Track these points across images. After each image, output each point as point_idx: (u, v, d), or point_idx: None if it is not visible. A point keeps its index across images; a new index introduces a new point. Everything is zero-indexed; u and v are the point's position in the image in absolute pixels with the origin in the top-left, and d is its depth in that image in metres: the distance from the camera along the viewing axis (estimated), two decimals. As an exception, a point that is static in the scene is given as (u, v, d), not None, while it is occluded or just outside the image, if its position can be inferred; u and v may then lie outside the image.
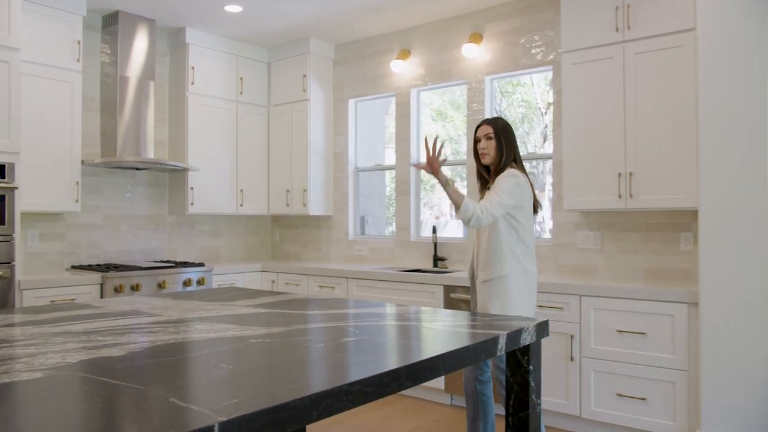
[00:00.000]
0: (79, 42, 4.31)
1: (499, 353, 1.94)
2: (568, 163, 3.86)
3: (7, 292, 3.68)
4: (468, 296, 3.94)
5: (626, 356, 3.35)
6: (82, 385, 1.34)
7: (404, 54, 5.03)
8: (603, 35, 3.70)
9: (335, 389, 1.33)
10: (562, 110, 3.95)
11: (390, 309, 2.55)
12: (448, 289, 4.04)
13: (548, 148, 4.71)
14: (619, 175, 3.65)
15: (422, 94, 5.15)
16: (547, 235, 4.60)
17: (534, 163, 4.83)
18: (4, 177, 3.69)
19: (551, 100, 4.42)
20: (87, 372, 1.46)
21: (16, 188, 3.72)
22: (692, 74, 3.37)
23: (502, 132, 2.81)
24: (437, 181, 2.72)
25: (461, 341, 1.84)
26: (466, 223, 2.67)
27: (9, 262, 3.69)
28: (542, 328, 2.20)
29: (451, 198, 2.68)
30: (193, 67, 5.03)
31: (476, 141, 2.87)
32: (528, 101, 5.17)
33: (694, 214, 3.66)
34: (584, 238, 4.11)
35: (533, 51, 4.38)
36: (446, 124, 5.47)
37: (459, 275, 4.07)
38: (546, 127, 5.01)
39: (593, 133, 3.76)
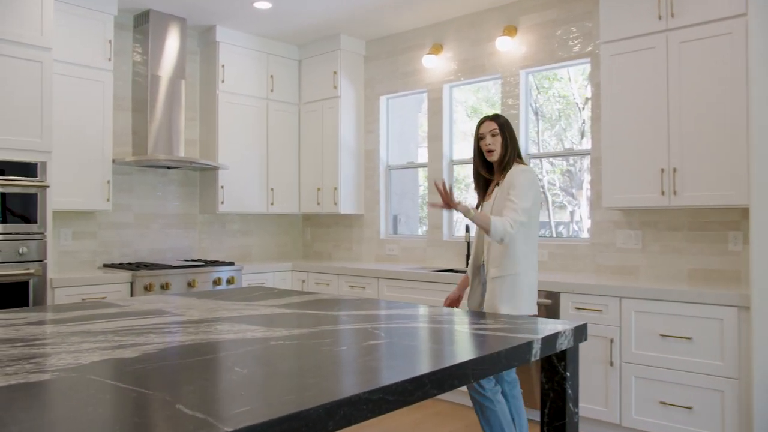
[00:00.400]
0: (110, 41, 4.32)
1: (533, 359, 1.82)
2: (608, 160, 3.69)
3: (40, 290, 3.69)
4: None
5: (670, 362, 3.17)
6: (88, 388, 1.28)
7: (436, 49, 4.91)
8: (644, 24, 3.52)
9: (354, 397, 1.23)
10: (600, 104, 3.78)
11: (420, 310, 2.44)
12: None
13: (586, 145, 4.53)
14: (662, 171, 3.46)
15: (456, 91, 5.02)
16: (585, 235, 4.43)
17: (571, 160, 4.66)
18: (36, 176, 3.70)
19: (589, 94, 4.25)
20: (96, 374, 1.39)
21: (48, 187, 3.73)
22: (742, 63, 3.17)
23: (506, 128, 2.75)
24: (459, 212, 2.63)
25: (492, 346, 1.73)
26: (500, 242, 2.61)
27: (41, 260, 3.71)
28: (580, 333, 2.06)
29: (477, 223, 2.61)
30: (223, 66, 5.00)
31: (479, 138, 2.79)
32: (565, 96, 4.99)
33: (743, 211, 3.45)
34: (624, 237, 3.93)
35: (570, 43, 4.21)
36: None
37: (492, 276, 3.93)
38: (584, 122, 4.83)
39: (634, 128, 3.58)
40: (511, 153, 2.74)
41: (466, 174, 5.19)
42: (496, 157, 2.75)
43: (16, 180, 3.61)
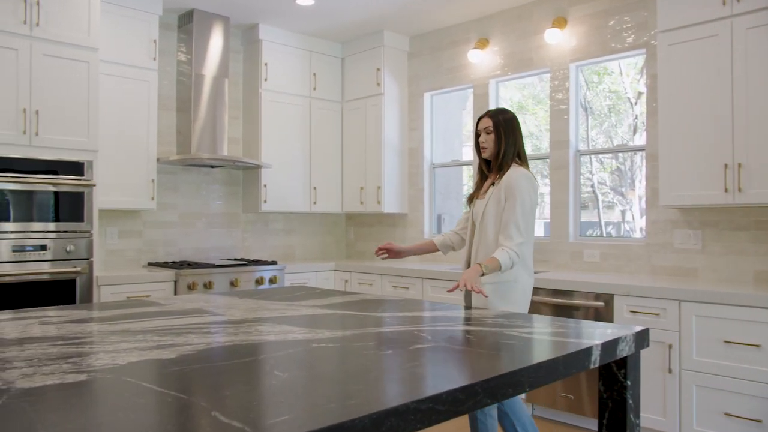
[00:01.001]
0: (155, 41, 4.35)
1: (592, 365, 1.68)
2: (665, 155, 3.50)
3: (86, 288, 3.73)
4: (555, 300, 3.65)
5: (736, 371, 2.97)
6: (123, 391, 1.22)
7: (482, 43, 4.77)
8: (706, 10, 3.32)
9: (401, 407, 1.13)
10: (657, 97, 3.59)
11: (466, 312, 2.33)
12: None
13: (639, 141, 4.33)
14: (726, 166, 3.26)
15: (501, 89, 4.87)
16: (638, 234, 4.23)
17: (621, 158, 4.46)
18: (82, 174, 3.74)
19: (642, 88, 4.05)
20: (132, 376, 1.33)
21: (94, 186, 3.77)
22: (815, 50, 2.95)
23: (501, 125, 2.66)
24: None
25: (548, 352, 1.61)
26: (510, 268, 2.57)
27: (88, 258, 3.74)
28: (642, 338, 1.92)
29: (491, 272, 2.53)
30: (266, 64, 4.98)
31: (477, 135, 2.74)
32: (615, 91, 4.79)
33: (815, 210, 3.21)
34: (683, 237, 3.72)
35: (624, 34, 4.02)
36: (527, 119, 5.16)
37: (542, 276, 3.78)
38: (636, 118, 4.62)
39: (695, 121, 3.38)
40: (506, 152, 2.64)
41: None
42: (488, 155, 2.69)
43: (65, 179, 3.65)
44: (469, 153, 5.15)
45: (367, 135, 5.28)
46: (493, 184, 2.66)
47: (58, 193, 3.64)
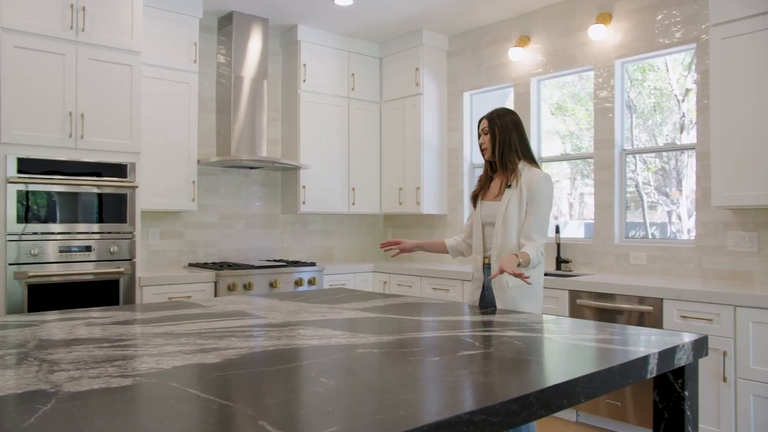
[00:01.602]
0: (195, 44, 4.39)
1: (649, 375, 1.60)
2: (717, 154, 3.36)
3: (129, 289, 3.77)
4: (599, 303, 3.54)
5: (796, 380, 2.82)
6: (168, 397, 1.20)
7: (523, 41, 4.68)
8: (763, 1, 3.17)
9: (454, 419, 1.08)
10: (709, 93, 3.45)
11: (510, 317, 2.26)
12: (574, 294, 3.66)
13: (686, 140, 4.17)
14: (784, 165, 3.10)
15: (542, 87, 4.77)
16: (686, 236, 4.08)
17: (665, 157, 4.30)
18: (125, 176, 3.79)
19: (690, 85, 3.90)
20: (177, 381, 1.32)
21: (137, 187, 3.81)
22: None
23: (496, 124, 2.67)
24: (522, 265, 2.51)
25: (603, 361, 1.53)
26: (534, 267, 2.60)
27: (130, 259, 3.79)
28: (700, 347, 1.83)
29: (525, 265, 2.50)
30: (304, 65, 4.98)
31: (479, 136, 2.76)
32: (660, 88, 4.63)
33: None
34: (736, 239, 3.57)
35: (672, 28, 3.88)
36: (566, 118, 5.04)
37: (586, 279, 3.68)
38: (683, 116, 4.46)
39: (749, 118, 3.23)
40: (502, 150, 2.64)
41: (551, 172, 4.92)
42: (488, 156, 2.70)
43: (108, 181, 3.71)
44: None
45: (406, 135, 5.24)
46: (509, 186, 2.62)
47: (102, 195, 3.70)
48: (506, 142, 2.63)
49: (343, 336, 1.85)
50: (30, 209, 3.46)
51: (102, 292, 3.68)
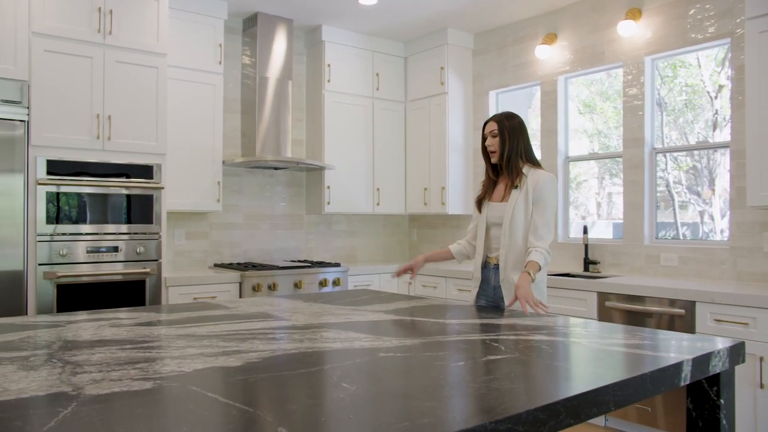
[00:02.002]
0: (220, 45, 4.41)
1: (682, 383, 1.55)
2: (753, 152, 3.25)
3: (155, 289, 3.80)
4: (628, 305, 3.46)
5: (837, 387, 2.72)
6: (187, 401, 1.18)
7: (550, 38, 4.60)
8: (801, -5, 3.06)
9: (479, 428, 1.05)
10: (745, 89, 3.34)
11: (538, 320, 2.21)
12: (602, 296, 3.58)
13: (718, 137, 4.06)
14: (823, 164, 2.99)
15: (569, 85, 4.68)
16: (719, 237, 3.96)
17: (697, 155, 4.19)
18: (152, 177, 3.82)
19: (724, 81, 3.79)
20: (197, 385, 1.30)
21: (163, 188, 3.84)
22: None
23: (506, 128, 2.70)
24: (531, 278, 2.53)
25: (634, 367, 1.48)
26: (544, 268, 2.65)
27: (156, 260, 3.82)
28: (737, 353, 1.76)
29: (536, 275, 2.55)
30: (329, 65, 4.98)
31: (484, 139, 2.76)
32: (692, 85, 4.51)
33: None
34: (773, 240, 3.45)
35: (706, 23, 3.77)
36: (594, 117, 4.94)
37: (615, 281, 3.59)
38: (716, 113, 4.33)
39: (787, 115, 3.12)
40: (511, 154, 2.68)
41: (578, 172, 4.84)
42: (496, 159, 2.72)
43: (135, 182, 3.74)
44: (537, 152, 4.98)
45: (431, 135, 5.20)
46: (516, 187, 2.66)
47: (129, 196, 3.73)
48: (515, 145, 2.69)
49: (367, 339, 1.82)
50: (59, 210, 3.51)
51: (129, 293, 3.71)
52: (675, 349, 1.69)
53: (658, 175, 4.18)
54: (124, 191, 3.72)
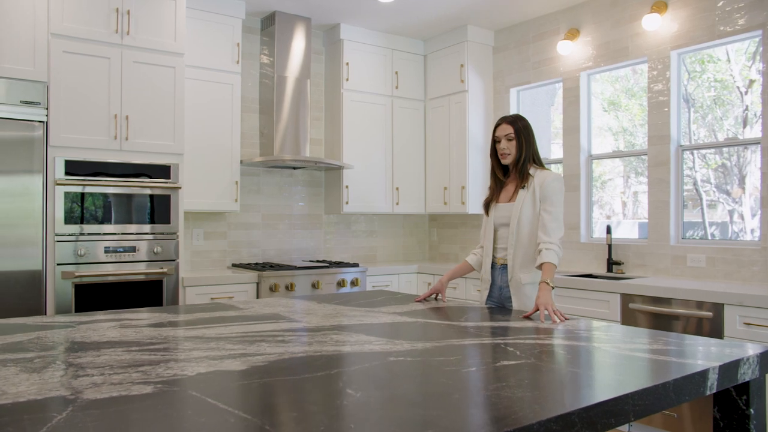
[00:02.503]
0: (238, 44, 4.39)
1: (708, 392, 1.46)
2: (785, 148, 3.12)
3: (172, 289, 3.80)
4: (653, 308, 3.35)
5: None
6: (186, 407, 1.14)
7: (572, 34, 4.50)
8: (835, -16, 2.93)
9: (485, 440, 0.99)
10: (775, 83, 3.21)
11: (557, 323, 2.14)
12: (626, 298, 3.48)
13: (749, 134, 3.92)
14: None
15: (593, 83, 4.57)
16: (749, 237, 3.82)
17: (726, 153, 4.05)
18: (169, 177, 3.82)
19: (754, 76, 3.65)
20: (198, 389, 1.26)
21: (180, 188, 3.83)
22: None
23: (522, 132, 2.70)
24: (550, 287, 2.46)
25: (656, 374, 1.40)
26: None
27: (174, 260, 3.82)
28: (767, 360, 1.66)
29: (553, 278, 2.49)
30: (347, 63, 4.93)
31: (495, 141, 2.75)
32: (721, 81, 4.37)
33: None
34: (806, 240, 3.31)
35: (735, 15, 3.64)
36: (619, 114, 4.82)
37: (639, 282, 3.49)
38: (746, 109, 4.19)
39: (821, 110, 2.99)
40: (526, 157, 2.69)
41: (603, 170, 4.72)
42: (509, 161, 2.72)
43: (152, 182, 3.74)
44: (557, 151, 4.88)
45: (451, 133, 5.12)
46: (523, 187, 2.67)
47: (146, 196, 3.73)
48: (529, 149, 2.70)
49: (378, 342, 1.77)
50: (78, 210, 3.52)
51: (146, 293, 3.71)
52: (701, 355, 1.61)
53: (686, 174, 4.06)
54: (142, 191, 3.72)
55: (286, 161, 4.42)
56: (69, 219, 3.50)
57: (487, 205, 2.82)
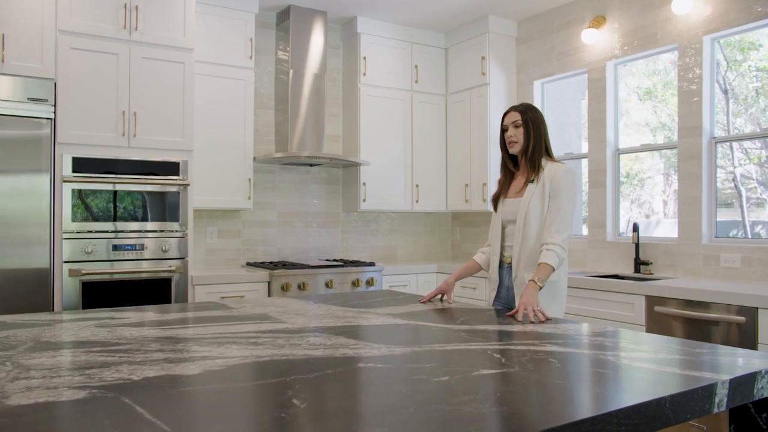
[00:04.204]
0: (251, 39, 4.31)
1: (716, 409, 1.28)
2: (827, 138, 2.85)
3: (181, 288, 3.74)
4: (679, 311, 3.12)
5: None
6: (105, 417, 1.03)
7: (598, 21, 4.27)
8: None
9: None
10: (816, 68, 2.94)
11: (557, 326, 1.97)
12: (652, 300, 3.25)
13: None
14: None
15: (625, 72, 4.33)
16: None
17: (759, 145, 3.76)
18: (178, 174, 3.76)
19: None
20: (132, 397, 1.15)
21: (188, 185, 3.77)
22: None
23: (530, 119, 2.53)
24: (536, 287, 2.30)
25: (652, 388, 1.23)
26: (559, 266, 2.42)
27: (183, 258, 3.76)
28: (791, 372, 1.46)
29: (546, 280, 2.33)
30: (365, 57, 4.81)
31: (503, 130, 2.59)
32: (765, 69, 4.07)
33: None
34: None
35: (772, -3, 3.37)
36: (657, 106, 4.55)
37: (665, 283, 3.26)
38: (791, 99, 3.88)
39: None
40: (536, 146, 2.51)
41: (641, 168, 4.47)
42: (517, 150, 2.55)
43: (161, 179, 3.69)
44: (583, 145, 4.65)
45: (472, 128, 4.94)
46: (531, 181, 2.51)
47: (155, 193, 3.68)
48: (539, 138, 2.51)
49: (355, 346, 1.63)
50: (85, 208, 3.49)
51: (154, 291, 3.66)
52: (710, 366, 1.42)
53: (728, 169, 3.79)
54: (150, 188, 3.67)
55: (301, 158, 4.32)
56: (76, 217, 3.47)
57: (495, 200, 2.67)
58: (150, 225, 3.67)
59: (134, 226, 3.62)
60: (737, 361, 1.46)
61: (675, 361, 1.47)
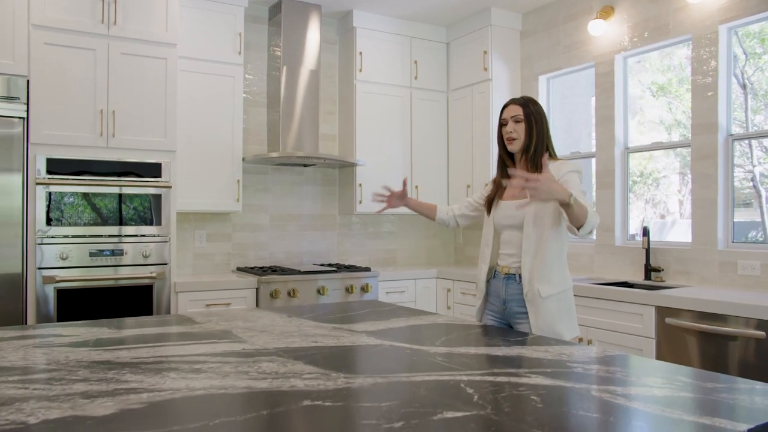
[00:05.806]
0: (240, 34, 4.12)
1: (728, 464, 1.05)
2: None
3: (163, 295, 3.55)
4: (691, 324, 2.86)
5: None
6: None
7: (606, 12, 4.02)
8: None
9: None
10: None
11: (550, 350, 1.74)
12: (662, 311, 3.00)
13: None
14: None
15: (638, 67, 4.07)
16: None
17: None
18: (160, 176, 3.57)
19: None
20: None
21: (171, 187, 3.59)
22: None
23: (533, 114, 2.31)
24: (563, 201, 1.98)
25: (648, 442, 1.00)
26: (586, 235, 2.08)
27: (165, 263, 3.57)
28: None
29: (577, 212, 1.98)
30: (360, 53, 4.59)
31: (502, 124, 2.38)
32: (787, 63, 3.78)
33: None
34: None
35: (794, -19, 3.11)
36: (672, 102, 4.28)
37: (677, 293, 3.00)
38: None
39: None
40: (537, 144, 2.29)
41: (655, 167, 4.21)
42: (516, 147, 2.33)
43: (141, 181, 3.51)
44: (591, 143, 4.39)
45: (474, 126, 4.71)
46: None
47: (135, 196, 3.50)
48: (541, 135, 2.29)
49: (309, 376, 1.42)
50: (60, 211, 3.32)
51: (135, 299, 3.48)
52: (727, 410, 1.19)
53: (747, 168, 3.53)
54: (130, 191, 3.49)
55: (293, 158, 4.12)
56: (51, 220, 3.29)
57: (489, 202, 2.43)
58: (129, 229, 3.48)
59: (113, 230, 3.44)
60: (755, 402, 1.23)
61: (683, 401, 1.24)
